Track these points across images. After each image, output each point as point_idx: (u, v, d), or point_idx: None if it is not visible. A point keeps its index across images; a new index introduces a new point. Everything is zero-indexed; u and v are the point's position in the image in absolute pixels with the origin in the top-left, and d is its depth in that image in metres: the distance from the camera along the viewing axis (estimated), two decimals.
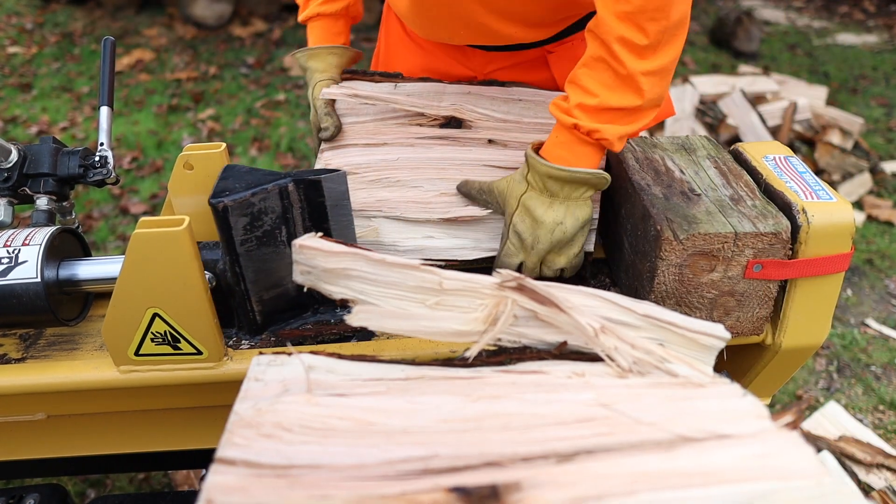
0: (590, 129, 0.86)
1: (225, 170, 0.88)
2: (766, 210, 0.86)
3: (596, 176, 0.89)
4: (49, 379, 0.88)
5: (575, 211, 0.91)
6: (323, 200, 0.87)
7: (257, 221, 0.85)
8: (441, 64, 1.23)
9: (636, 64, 0.83)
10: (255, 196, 0.83)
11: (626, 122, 0.87)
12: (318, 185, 0.86)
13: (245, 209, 0.83)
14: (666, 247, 0.82)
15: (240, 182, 0.85)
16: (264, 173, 0.87)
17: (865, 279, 2.74)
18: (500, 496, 0.49)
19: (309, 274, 0.67)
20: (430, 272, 0.67)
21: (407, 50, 1.27)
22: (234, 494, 0.48)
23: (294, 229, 0.88)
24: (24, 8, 5.66)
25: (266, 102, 4.12)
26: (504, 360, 0.68)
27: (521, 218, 0.93)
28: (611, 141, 0.87)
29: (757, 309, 0.88)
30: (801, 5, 6.53)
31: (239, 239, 0.84)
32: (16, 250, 0.88)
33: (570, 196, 0.91)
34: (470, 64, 1.21)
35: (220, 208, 0.82)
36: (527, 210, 0.92)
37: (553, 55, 1.16)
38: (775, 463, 0.52)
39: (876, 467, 1.81)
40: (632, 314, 0.70)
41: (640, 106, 0.86)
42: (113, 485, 1.85)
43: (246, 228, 0.84)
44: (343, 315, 0.92)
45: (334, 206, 0.88)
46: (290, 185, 0.85)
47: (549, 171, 0.89)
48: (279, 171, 0.88)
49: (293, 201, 0.86)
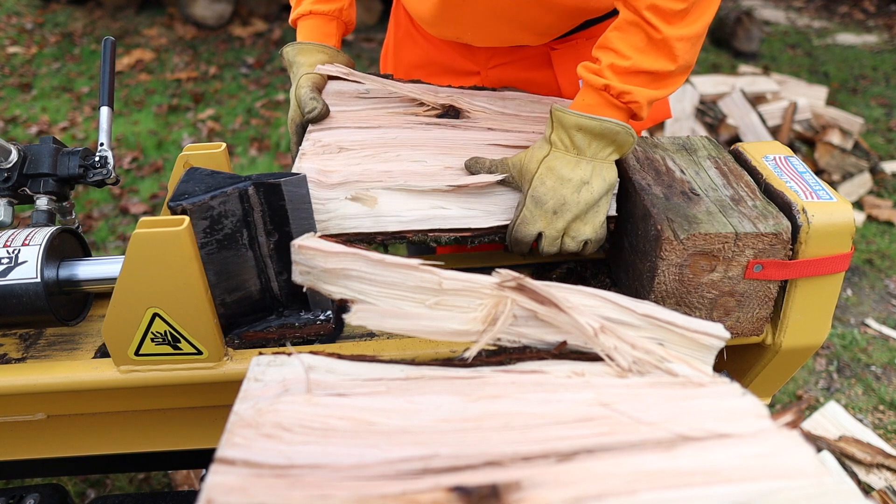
0: (621, 90, 0.85)
1: (187, 173, 0.89)
2: (766, 210, 0.86)
3: (625, 129, 0.86)
4: (49, 379, 0.88)
5: (602, 171, 0.88)
6: (283, 203, 0.87)
7: (217, 225, 0.84)
8: (445, 57, 1.25)
9: (670, 29, 0.83)
10: (214, 199, 0.83)
11: (657, 86, 0.86)
12: (278, 189, 0.86)
13: (205, 212, 0.83)
14: (666, 246, 0.82)
15: (200, 185, 0.85)
16: (225, 176, 0.87)
17: (865, 279, 2.74)
18: (501, 496, 0.49)
19: (308, 274, 0.67)
20: (429, 272, 0.67)
21: (413, 42, 1.28)
22: (234, 494, 0.48)
23: (255, 232, 0.88)
24: (24, 8, 5.66)
25: (266, 102, 4.12)
26: (504, 359, 0.68)
27: (542, 180, 0.88)
28: (640, 104, 0.85)
29: (757, 309, 0.88)
30: (801, 5, 6.53)
31: (199, 242, 0.84)
32: (16, 250, 0.88)
33: (597, 155, 0.87)
34: (474, 58, 1.23)
35: (178, 211, 0.82)
36: (550, 170, 0.87)
37: (556, 52, 1.18)
38: (775, 462, 0.52)
39: (876, 467, 1.81)
40: (631, 314, 0.70)
41: (671, 71, 0.85)
42: (113, 485, 1.85)
43: (206, 231, 0.84)
44: (307, 318, 0.94)
45: (295, 210, 0.88)
46: (251, 188, 0.85)
47: (579, 120, 0.85)
48: (240, 175, 0.88)
49: (253, 204, 0.86)
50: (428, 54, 1.26)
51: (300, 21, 1.16)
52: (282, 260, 0.90)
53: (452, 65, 1.24)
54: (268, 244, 0.89)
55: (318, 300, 0.95)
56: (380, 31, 5.26)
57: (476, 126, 1.03)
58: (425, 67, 1.27)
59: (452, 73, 1.24)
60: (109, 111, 1.08)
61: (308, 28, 1.16)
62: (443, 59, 1.24)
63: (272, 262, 0.90)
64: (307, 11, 1.15)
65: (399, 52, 1.31)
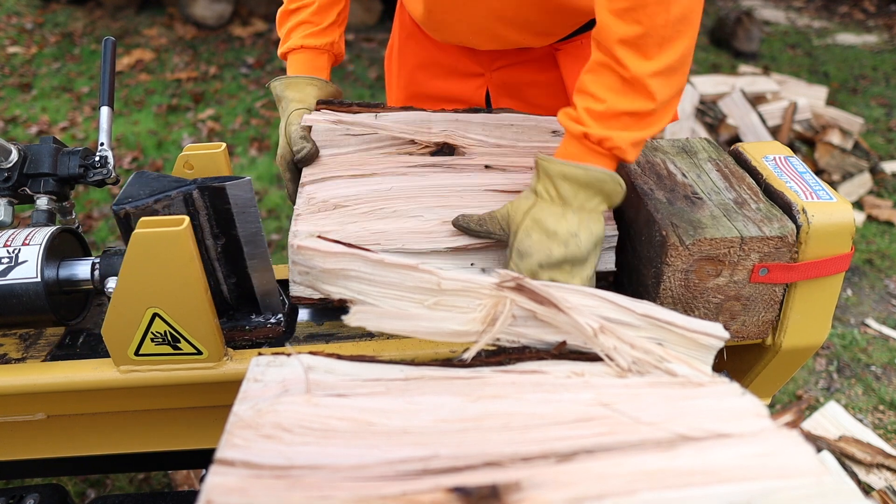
0: (600, 136, 0.81)
1: (134, 176, 0.89)
2: (770, 213, 0.86)
3: (612, 178, 0.82)
4: (49, 379, 0.88)
5: (589, 224, 0.83)
6: (229, 207, 0.87)
7: None
8: (450, 58, 1.24)
9: (641, 66, 0.79)
10: (158, 203, 0.83)
11: (639, 127, 0.82)
12: (223, 192, 0.86)
13: (148, 216, 0.83)
14: (672, 252, 0.81)
15: (145, 189, 0.85)
16: (171, 180, 0.87)
17: (865, 279, 2.74)
18: (501, 496, 0.49)
19: (307, 274, 0.67)
20: (428, 272, 0.67)
21: (417, 43, 1.28)
22: (234, 495, 0.48)
23: (202, 236, 0.88)
24: (24, 8, 5.66)
25: (266, 102, 4.12)
26: (503, 360, 0.68)
27: (528, 233, 0.83)
28: (623, 149, 0.81)
29: (763, 313, 0.88)
30: (801, 5, 6.53)
31: None
32: (16, 250, 0.88)
33: (585, 206, 0.83)
34: (478, 59, 1.22)
35: (121, 215, 0.82)
36: (536, 222, 0.83)
37: (561, 52, 1.17)
38: (775, 461, 0.52)
39: (876, 467, 1.81)
40: (631, 314, 0.70)
41: (652, 110, 0.81)
42: (113, 485, 1.85)
43: None
44: (258, 321, 0.95)
45: (241, 213, 0.88)
46: (195, 192, 0.85)
47: (564, 169, 0.82)
48: (186, 179, 0.88)
49: (199, 208, 0.86)
50: (432, 55, 1.25)
51: (290, 55, 1.14)
52: (230, 263, 0.91)
53: (457, 66, 1.23)
54: (215, 247, 0.89)
55: (269, 303, 0.96)
56: (380, 31, 5.26)
57: (472, 165, 0.99)
58: (429, 68, 1.26)
59: (457, 74, 1.24)
60: (109, 111, 1.08)
61: (298, 62, 1.13)
62: (447, 61, 1.24)
63: (220, 266, 0.90)
64: (298, 46, 1.12)
65: (403, 53, 1.31)
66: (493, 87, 1.22)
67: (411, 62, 1.29)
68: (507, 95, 1.22)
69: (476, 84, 1.23)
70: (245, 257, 0.91)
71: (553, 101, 1.19)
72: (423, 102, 1.29)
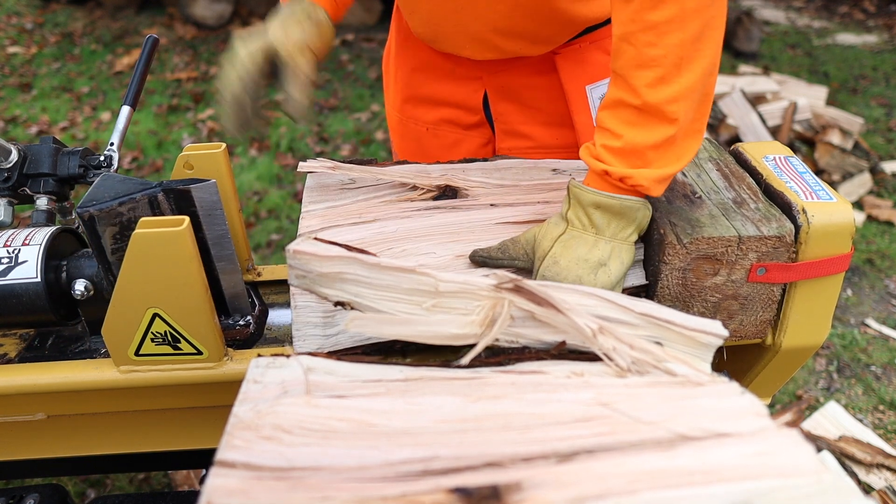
0: (621, 175, 0.77)
1: (101, 179, 0.89)
2: (769, 213, 0.86)
3: (644, 205, 0.80)
4: (49, 379, 0.88)
5: (621, 254, 0.81)
6: (195, 210, 0.87)
7: (128, 231, 0.84)
8: (447, 62, 1.23)
9: (657, 93, 0.75)
10: (122, 206, 0.83)
11: (663, 162, 0.78)
12: (188, 195, 0.86)
13: (113, 218, 0.83)
14: (669, 251, 0.81)
15: (110, 191, 0.85)
16: (137, 182, 0.87)
17: (865, 279, 2.74)
18: (501, 496, 0.49)
19: (304, 278, 0.67)
20: (426, 275, 0.67)
21: (415, 46, 1.27)
22: (235, 497, 0.48)
23: None
24: (24, 8, 5.66)
25: (266, 102, 4.12)
26: (503, 360, 0.68)
27: (556, 259, 0.80)
28: (646, 187, 0.77)
29: (760, 312, 0.88)
30: (801, 5, 6.53)
31: (109, 248, 0.84)
32: (16, 250, 0.88)
33: (617, 235, 0.80)
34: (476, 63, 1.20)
35: (85, 217, 0.82)
36: (566, 249, 0.80)
37: (559, 56, 1.16)
38: (775, 461, 0.52)
39: (876, 467, 1.81)
40: (629, 313, 0.70)
41: (673, 135, 0.76)
42: (113, 485, 1.85)
43: (116, 238, 0.84)
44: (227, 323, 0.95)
45: (207, 216, 0.88)
46: (160, 194, 0.85)
47: (597, 198, 0.79)
48: (151, 182, 0.88)
49: (164, 210, 0.86)
50: (429, 58, 1.24)
51: None
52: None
53: (455, 69, 1.22)
54: None
55: (238, 306, 0.96)
56: (380, 31, 5.26)
57: (477, 204, 0.96)
58: (426, 71, 1.26)
59: (454, 78, 1.23)
60: (130, 112, 1.06)
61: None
62: (444, 65, 1.23)
63: None
64: None
65: (401, 56, 1.30)
66: (491, 89, 1.21)
67: (408, 65, 1.29)
68: (506, 98, 1.21)
69: (474, 87, 1.22)
70: (213, 259, 0.91)
71: (552, 104, 1.18)
72: (422, 105, 1.29)
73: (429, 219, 0.92)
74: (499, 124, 1.24)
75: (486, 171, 1.02)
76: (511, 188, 0.99)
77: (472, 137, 1.28)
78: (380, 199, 0.97)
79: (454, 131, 1.28)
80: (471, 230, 0.90)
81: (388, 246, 0.87)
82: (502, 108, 1.22)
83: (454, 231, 0.90)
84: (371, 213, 0.94)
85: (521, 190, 0.99)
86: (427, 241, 0.88)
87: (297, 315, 0.81)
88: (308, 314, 0.81)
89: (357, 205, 0.96)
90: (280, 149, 3.62)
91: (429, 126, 1.29)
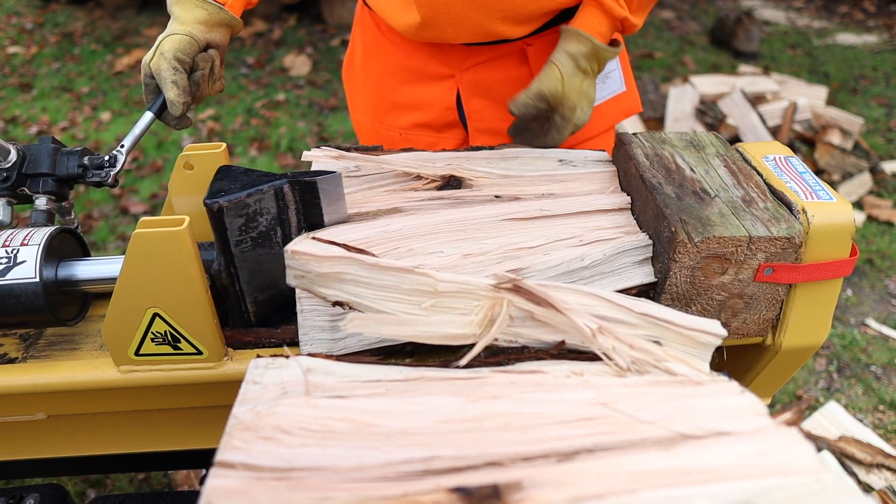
0: (635, 23, 1.07)
1: (220, 170, 0.88)
2: (777, 213, 0.85)
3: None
4: (49, 379, 0.88)
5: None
6: (318, 202, 0.87)
7: (252, 223, 0.85)
8: (417, 62, 1.22)
9: None
10: (250, 197, 0.83)
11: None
12: (314, 187, 0.86)
13: (240, 210, 0.83)
14: (680, 249, 0.81)
15: (235, 183, 0.85)
16: (259, 174, 0.87)
17: (865, 279, 2.74)
18: (502, 496, 0.49)
19: (303, 278, 0.67)
20: (424, 275, 0.67)
21: (383, 50, 1.26)
22: (235, 497, 0.48)
23: (289, 230, 0.88)
24: (24, 8, 5.66)
25: (266, 102, 4.12)
26: (503, 360, 0.68)
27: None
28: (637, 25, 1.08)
29: (764, 311, 0.88)
30: (801, 5, 6.53)
31: (234, 240, 0.84)
32: (14, 250, 0.88)
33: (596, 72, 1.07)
34: (447, 60, 1.20)
35: (215, 209, 0.82)
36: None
37: (532, 48, 1.16)
38: (775, 459, 0.52)
39: (876, 467, 1.81)
40: (629, 312, 0.70)
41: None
42: (113, 485, 1.85)
43: (241, 229, 0.84)
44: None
45: (329, 206, 0.88)
46: (286, 186, 0.85)
47: (607, 54, 1.04)
48: (274, 173, 0.88)
49: (288, 202, 0.86)
50: (398, 61, 1.23)
51: None
52: None
53: (425, 69, 1.21)
54: None
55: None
56: None
57: (482, 196, 0.96)
58: (396, 74, 1.24)
59: (425, 77, 1.22)
60: (152, 119, 1.04)
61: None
62: (414, 65, 1.22)
63: None
64: None
65: (368, 64, 1.29)
66: (463, 87, 1.20)
67: (377, 72, 1.27)
68: (479, 95, 1.21)
69: (446, 86, 1.21)
70: None
71: None
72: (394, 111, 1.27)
73: (434, 216, 0.91)
74: (472, 122, 1.24)
75: (491, 161, 1.02)
76: (516, 179, 0.99)
77: (445, 140, 1.27)
78: (384, 188, 0.98)
79: (428, 135, 1.28)
80: (477, 227, 0.90)
81: (394, 245, 0.86)
82: (475, 105, 1.22)
83: (460, 228, 0.89)
84: (374, 202, 0.94)
85: (526, 181, 0.99)
86: (433, 240, 0.88)
87: (304, 319, 0.81)
88: (315, 318, 0.81)
89: (361, 193, 0.96)
90: (280, 149, 3.62)
91: (401, 131, 1.28)
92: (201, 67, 1.03)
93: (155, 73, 0.99)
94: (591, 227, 0.90)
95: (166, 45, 0.98)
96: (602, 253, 0.85)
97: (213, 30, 1.04)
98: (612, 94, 1.28)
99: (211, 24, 1.03)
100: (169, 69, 0.98)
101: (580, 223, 0.91)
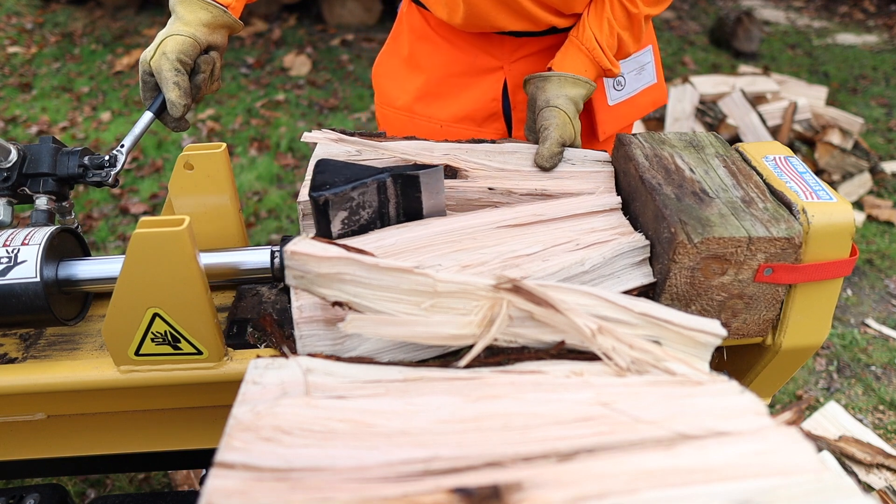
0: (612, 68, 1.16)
1: (319, 164, 0.89)
2: (777, 213, 0.85)
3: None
4: (49, 379, 0.88)
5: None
6: (419, 196, 0.88)
7: (355, 215, 0.86)
8: (467, 55, 1.26)
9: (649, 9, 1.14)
10: (355, 190, 0.84)
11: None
12: (416, 181, 0.87)
13: (345, 203, 0.84)
14: (680, 250, 0.81)
15: (338, 176, 0.86)
16: (360, 168, 0.88)
17: (865, 279, 2.74)
18: (502, 496, 0.49)
19: (302, 278, 0.67)
20: (424, 275, 0.67)
21: (433, 45, 1.29)
22: (235, 498, 0.48)
23: (389, 223, 0.89)
24: (24, 8, 5.66)
25: (266, 102, 4.12)
26: (502, 360, 0.68)
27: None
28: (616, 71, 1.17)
29: (764, 311, 0.88)
30: (801, 5, 6.53)
31: (336, 233, 0.85)
32: (15, 250, 0.88)
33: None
34: (498, 52, 1.24)
35: (320, 202, 0.83)
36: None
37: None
38: (775, 459, 0.52)
39: (876, 467, 1.81)
40: (628, 312, 0.70)
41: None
42: (113, 485, 1.85)
43: (344, 222, 0.85)
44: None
45: (430, 201, 0.89)
46: (388, 179, 0.86)
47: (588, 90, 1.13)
48: (373, 167, 0.88)
49: (389, 196, 0.88)
50: (449, 55, 1.27)
51: None
52: None
53: (475, 62, 1.25)
54: None
55: None
56: (380, 31, 5.26)
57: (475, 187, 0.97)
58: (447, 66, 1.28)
59: (475, 71, 1.26)
60: (152, 119, 1.04)
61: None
62: (465, 58, 1.26)
63: None
64: None
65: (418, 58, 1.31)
66: (511, 79, 1.25)
67: (426, 64, 1.30)
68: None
69: (494, 77, 1.26)
70: None
71: None
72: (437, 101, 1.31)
73: (426, 227, 0.90)
74: (517, 113, 1.28)
75: (489, 154, 1.03)
76: (512, 173, 1.00)
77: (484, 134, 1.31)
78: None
79: (468, 128, 1.31)
80: (472, 237, 0.89)
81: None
82: (522, 96, 1.26)
83: (455, 239, 0.89)
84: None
85: (521, 175, 1.00)
86: (430, 252, 0.87)
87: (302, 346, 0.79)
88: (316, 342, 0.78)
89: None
90: (280, 149, 3.62)
91: (443, 123, 1.31)
92: (203, 70, 1.03)
93: (155, 72, 1.00)
94: (586, 230, 0.90)
95: (169, 45, 0.98)
96: (601, 256, 0.85)
97: (215, 32, 1.05)
98: (646, 85, 1.37)
99: (214, 26, 1.03)
100: (171, 70, 0.98)
101: (574, 226, 0.91)
